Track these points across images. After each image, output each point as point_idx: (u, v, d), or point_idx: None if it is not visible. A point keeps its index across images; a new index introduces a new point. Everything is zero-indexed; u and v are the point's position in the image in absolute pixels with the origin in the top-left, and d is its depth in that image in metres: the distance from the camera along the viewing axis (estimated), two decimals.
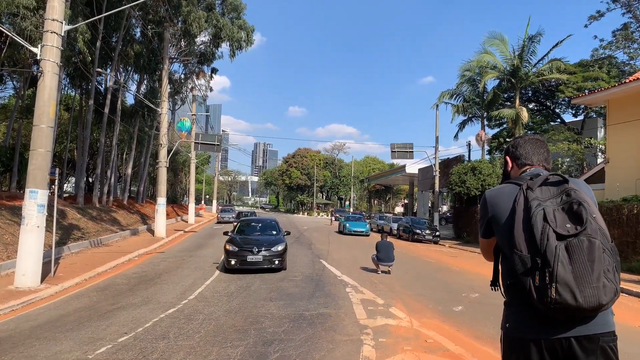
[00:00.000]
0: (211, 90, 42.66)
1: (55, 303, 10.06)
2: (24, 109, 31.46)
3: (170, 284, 12.11)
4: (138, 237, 24.94)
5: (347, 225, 31.83)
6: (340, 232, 32.97)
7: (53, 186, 13.10)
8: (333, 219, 48.29)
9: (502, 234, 2.22)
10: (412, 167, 45.01)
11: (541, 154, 2.42)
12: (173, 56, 33.43)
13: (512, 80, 30.03)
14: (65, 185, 44.32)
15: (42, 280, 11.43)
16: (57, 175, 12.80)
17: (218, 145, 33.49)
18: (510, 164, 2.48)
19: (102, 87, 34.50)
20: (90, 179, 41.70)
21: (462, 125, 37.05)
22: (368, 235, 30.33)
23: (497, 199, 2.29)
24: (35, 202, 11.16)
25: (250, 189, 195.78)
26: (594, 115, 32.23)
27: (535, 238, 2.01)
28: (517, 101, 30.36)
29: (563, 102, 34.32)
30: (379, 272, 14.08)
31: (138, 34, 33.62)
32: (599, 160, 25.55)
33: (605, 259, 1.97)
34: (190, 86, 41.43)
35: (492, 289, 2.41)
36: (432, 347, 6.85)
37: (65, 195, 35.18)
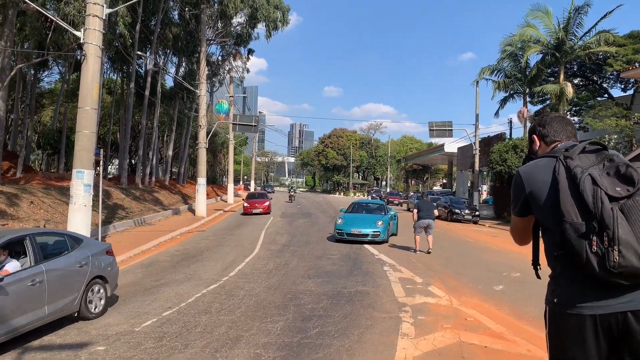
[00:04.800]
0: (248, 71, 42.93)
1: None
2: (69, 93, 32.52)
3: (211, 261, 12.41)
4: (179, 217, 25.60)
5: (343, 224, 16.19)
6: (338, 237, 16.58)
7: (98, 167, 13.55)
8: (369, 197, 48.41)
9: (545, 207, 2.14)
10: (451, 145, 44.12)
11: (569, 130, 2.36)
12: (210, 38, 33.71)
13: (557, 54, 28.82)
14: (110, 167, 45.78)
15: None
16: (101, 156, 13.22)
17: (255, 125, 33.74)
18: (538, 142, 2.42)
19: (142, 70, 35.21)
20: (133, 161, 42.95)
21: (503, 102, 35.89)
22: (382, 242, 15.77)
23: (533, 174, 2.21)
24: (82, 181, 11.58)
25: (286, 170, 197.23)
26: None
27: (587, 203, 1.93)
28: (562, 76, 29.16)
29: (611, 77, 32.68)
30: (417, 252, 13.89)
31: (176, 17, 34.04)
32: None
33: None
34: (227, 68, 41.81)
35: (536, 269, 2.32)
36: (472, 325, 6.78)
37: (109, 176, 36.37)
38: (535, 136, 2.45)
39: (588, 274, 1.97)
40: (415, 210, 14.23)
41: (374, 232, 15.37)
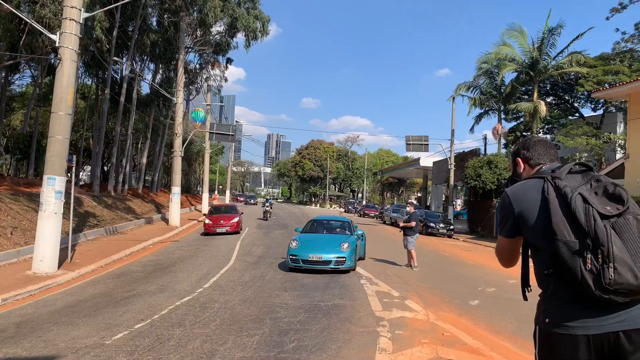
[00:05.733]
0: (226, 80, 42.72)
1: (72, 289, 10.16)
2: (41, 97, 31.76)
3: (185, 272, 12.16)
4: (152, 226, 25.14)
5: (298, 248, 12.71)
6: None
7: (69, 174, 13.21)
8: (343, 209, 48.41)
9: (535, 227, 2.13)
10: (427, 160, 44.59)
11: (552, 154, 2.41)
12: (189, 46, 33.45)
13: (531, 73, 29.53)
14: (81, 173, 44.80)
15: (59, 266, 11.56)
16: (74, 162, 12.89)
17: (232, 135, 33.53)
18: (522, 165, 2.45)
19: (118, 76, 34.69)
20: (105, 168, 42.06)
21: (479, 118, 36.60)
22: (348, 270, 12.52)
23: (521, 194, 2.22)
24: (53, 188, 11.25)
25: (263, 180, 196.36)
26: (614, 110, 31.60)
27: (579, 221, 1.95)
28: (536, 94, 29.88)
29: (582, 96, 33.68)
30: (415, 269, 13.54)
31: (154, 23, 33.71)
32: (618, 156, 25.06)
33: None
34: (205, 76, 41.53)
35: (525, 291, 2.30)
36: (450, 340, 6.77)
37: (81, 183, 35.53)
38: (519, 159, 2.47)
39: (581, 293, 1.97)
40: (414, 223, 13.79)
41: (337, 257, 12.13)
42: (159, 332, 6.82)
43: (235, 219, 22.78)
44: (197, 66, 40.49)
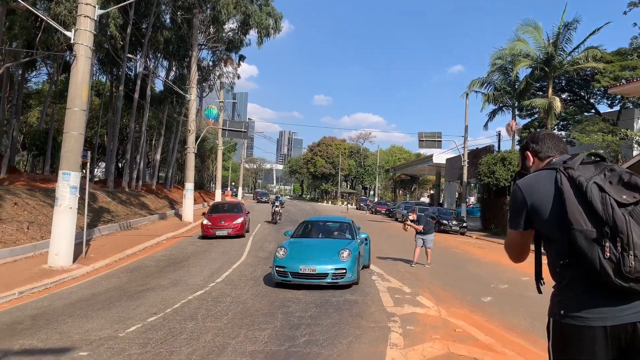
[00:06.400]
0: (238, 77, 42.84)
1: (87, 282, 10.30)
2: (57, 94, 32.20)
3: (198, 267, 12.26)
4: (166, 221, 25.35)
5: (287, 257, 10.03)
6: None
7: (84, 170, 13.37)
8: (354, 207, 48.42)
9: (549, 218, 2.11)
10: (440, 157, 44.34)
11: (561, 147, 2.40)
12: (201, 43, 33.59)
13: (546, 69, 29.17)
14: (96, 170, 45.29)
15: (74, 260, 11.70)
16: (88, 158, 13.04)
17: (244, 132, 33.69)
18: (531, 159, 2.44)
19: (131, 73, 35.00)
20: (120, 164, 42.50)
21: (492, 114, 36.27)
22: (350, 284, 9.99)
23: (534, 186, 2.20)
24: (68, 183, 11.39)
25: (275, 177, 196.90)
26: (631, 106, 31.09)
27: (596, 210, 1.93)
28: (550, 90, 29.51)
29: (598, 92, 33.18)
30: (413, 265, 13.47)
31: (167, 20, 33.92)
32: (635, 153, 24.67)
33: None
34: (218, 73, 41.70)
35: (539, 284, 2.28)
36: (461, 336, 6.74)
37: (95, 179, 35.95)
38: (528, 152, 2.46)
39: (599, 283, 1.95)
40: (422, 227, 13.54)
41: (336, 269, 9.56)
42: (172, 325, 6.89)
43: (239, 220, 19.32)
44: (210, 63, 40.70)
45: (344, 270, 9.61)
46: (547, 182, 2.14)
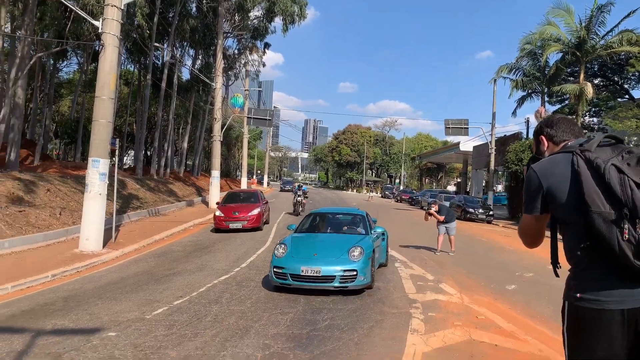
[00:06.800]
0: (264, 65, 42.97)
1: (116, 266, 10.60)
2: (87, 83, 32.89)
3: (223, 252, 12.47)
4: (193, 208, 25.76)
5: (287, 256, 8.52)
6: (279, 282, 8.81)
7: (114, 158, 13.69)
8: (372, 195, 48.42)
9: (566, 201, 2.10)
10: (467, 144, 43.73)
11: (576, 130, 2.37)
12: (227, 31, 33.77)
13: (577, 53, 28.33)
14: (125, 158, 46.26)
15: (104, 245, 12.05)
16: (117, 145, 13.34)
17: (269, 119, 33.82)
18: (545, 143, 2.42)
19: (159, 62, 35.47)
20: (148, 152, 43.30)
21: (521, 101, 35.46)
22: (363, 288, 8.36)
23: (549, 169, 2.18)
24: (97, 170, 11.69)
25: (300, 165, 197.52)
26: None
27: (614, 192, 1.92)
28: (582, 76, 28.68)
29: (633, 77, 32.08)
30: (437, 253, 13.44)
31: (193, 9, 34.15)
32: None
33: None
34: (243, 61, 41.90)
35: (555, 268, 2.26)
36: (484, 323, 6.71)
37: (125, 167, 36.72)
38: (542, 137, 2.44)
39: (617, 265, 1.94)
40: (443, 217, 13.45)
41: (345, 271, 8.02)
42: (197, 308, 7.06)
43: (255, 211, 17.30)
44: (236, 51, 40.90)
45: (355, 272, 8.03)
46: (563, 165, 2.12)
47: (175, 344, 5.48)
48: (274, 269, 8.28)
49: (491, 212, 28.23)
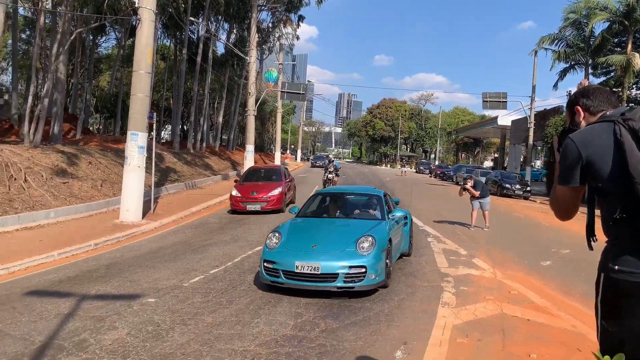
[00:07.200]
0: (298, 38, 42.70)
1: (155, 237, 10.98)
2: (124, 58, 33.53)
3: (257, 225, 12.70)
4: (228, 182, 26.16)
5: (279, 247, 6.89)
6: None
7: (152, 132, 14.01)
8: (404, 170, 48.13)
9: (607, 172, 2.05)
10: (505, 118, 42.56)
11: (613, 100, 2.29)
12: (261, 4, 33.60)
13: (625, 22, 27.00)
14: (163, 132, 47.21)
15: (143, 216, 12.46)
16: (154, 119, 13.64)
17: (303, 94, 33.73)
18: (582, 114, 2.33)
19: (194, 36, 35.70)
20: (184, 127, 44.07)
21: (563, 73, 34.17)
22: (375, 287, 6.65)
23: (588, 139, 2.11)
24: (136, 143, 12.02)
25: (333, 140, 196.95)
26: None
27: None
28: (630, 46, 27.37)
29: None
30: (471, 228, 13.31)
31: None
32: None
33: None
34: (277, 35, 41.75)
35: (590, 241, 2.22)
36: (516, 298, 6.67)
37: (162, 141, 37.54)
38: (578, 107, 2.35)
39: None
40: (479, 192, 13.24)
41: (350, 267, 6.40)
42: (232, 277, 7.28)
43: (276, 191, 15.15)
44: (270, 25, 40.77)
45: (363, 269, 6.36)
46: (604, 135, 2.07)
47: (211, 311, 5.69)
48: (264, 264, 6.68)
49: (528, 188, 27.61)
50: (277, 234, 7.16)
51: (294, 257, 6.52)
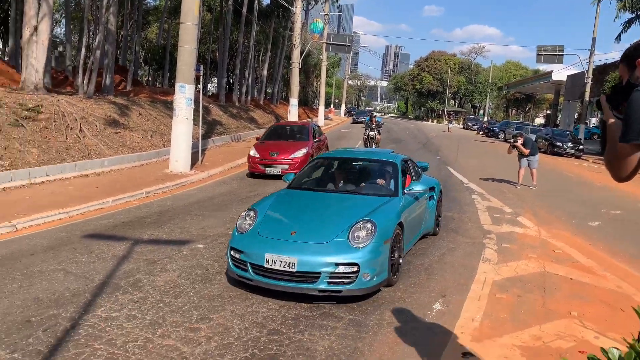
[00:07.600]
0: None
1: (203, 187, 11.35)
2: (172, 10, 33.68)
3: None
4: None
5: (250, 234, 5.13)
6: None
7: (198, 85, 14.21)
8: (450, 126, 46.63)
9: None
10: (560, 73, 40.49)
11: None
12: None
13: None
14: (209, 85, 47.71)
15: (192, 166, 12.85)
16: (201, 72, 13.81)
17: (349, 45, 33.11)
18: None
19: None
20: (230, 80, 44.35)
21: (628, 24, 31.89)
22: (373, 290, 4.84)
23: None
24: (183, 95, 12.26)
25: (378, 94, 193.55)
26: None
27: None
28: None
29: None
30: (518, 186, 13.03)
31: None
32: None
33: None
34: None
35: None
36: (560, 257, 6.60)
37: (208, 94, 38.01)
38: None
39: None
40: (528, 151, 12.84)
41: (337, 264, 4.63)
42: None
43: (300, 152, 12.91)
44: None
45: (355, 268, 4.65)
46: None
47: None
48: (231, 252, 5.09)
49: (581, 147, 26.55)
50: (251, 213, 5.44)
51: (264, 247, 4.84)
